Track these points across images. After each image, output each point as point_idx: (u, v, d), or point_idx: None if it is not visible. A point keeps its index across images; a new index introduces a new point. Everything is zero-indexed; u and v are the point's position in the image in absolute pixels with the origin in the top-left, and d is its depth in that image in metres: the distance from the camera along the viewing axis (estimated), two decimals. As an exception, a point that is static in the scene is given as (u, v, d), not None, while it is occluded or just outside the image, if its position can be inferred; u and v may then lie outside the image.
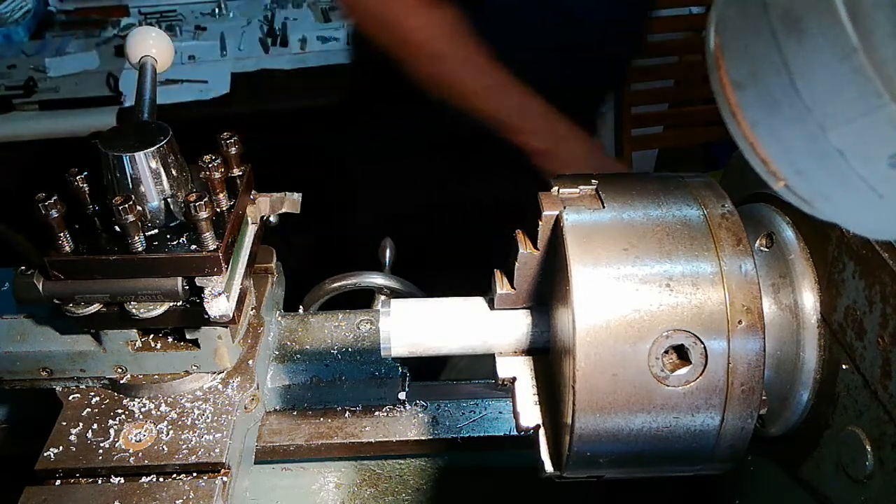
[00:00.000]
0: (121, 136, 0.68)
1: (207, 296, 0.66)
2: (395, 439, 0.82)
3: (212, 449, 0.71)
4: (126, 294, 0.67)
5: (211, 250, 0.66)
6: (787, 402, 0.65)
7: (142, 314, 0.68)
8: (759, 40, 0.35)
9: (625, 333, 0.55)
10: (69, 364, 0.75)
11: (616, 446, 0.58)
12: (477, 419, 0.84)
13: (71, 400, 0.76)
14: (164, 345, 0.75)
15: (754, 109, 0.37)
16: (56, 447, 0.71)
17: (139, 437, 0.72)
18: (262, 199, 0.79)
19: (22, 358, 0.74)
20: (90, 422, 0.74)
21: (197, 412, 0.74)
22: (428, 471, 0.88)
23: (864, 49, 0.31)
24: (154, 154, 0.66)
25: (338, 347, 0.83)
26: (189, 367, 0.75)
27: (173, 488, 0.69)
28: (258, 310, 0.81)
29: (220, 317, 0.67)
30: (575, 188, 0.62)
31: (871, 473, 0.56)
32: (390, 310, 0.67)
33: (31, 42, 2.55)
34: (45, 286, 0.67)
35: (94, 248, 0.66)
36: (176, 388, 0.76)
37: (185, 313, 0.70)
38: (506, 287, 0.67)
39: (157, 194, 0.68)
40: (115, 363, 0.75)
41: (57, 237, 0.64)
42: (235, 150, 0.75)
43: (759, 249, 0.67)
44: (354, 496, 0.89)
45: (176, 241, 0.67)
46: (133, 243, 0.65)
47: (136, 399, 0.76)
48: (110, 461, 0.70)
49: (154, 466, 0.70)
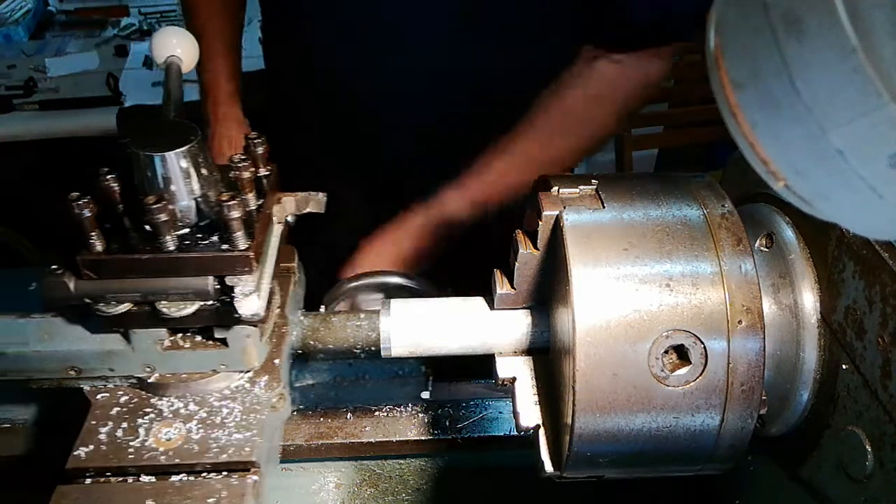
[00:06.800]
0: (151, 135, 0.68)
1: (238, 295, 0.67)
2: (395, 439, 0.82)
3: (242, 448, 0.71)
4: (157, 293, 0.68)
5: (242, 249, 0.66)
6: (787, 402, 0.65)
7: (172, 313, 0.68)
8: (759, 40, 0.35)
9: (625, 333, 0.55)
10: (98, 363, 0.75)
11: (616, 446, 0.58)
12: (477, 419, 0.84)
13: (99, 399, 0.76)
14: (192, 344, 0.75)
15: (754, 109, 0.37)
16: (86, 446, 0.71)
17: (169, 435, 0.72)
18: (287, 198, 0.80)
19: (50, 357, 0.74)
20: (119, 421, 0.74)
21: (226, 411, 0.74)
22: (428, 471, 0.88)
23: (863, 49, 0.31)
24: (185, 154, 0.67)
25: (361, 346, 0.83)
26: (217, 365, 0.75)
27: (205, 487, 0.69)
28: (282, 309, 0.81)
29: (252, 316, 0.67)
30: (575, 188, 0.62)
31: (871, 473, 0.56)
32: (390, 310, 0.68)
33: (31, 42, 2.55)
34: (77, 285, 0.66)
35: (125, 247, 0.66)
36: (204, 387, 0.76)
37: (216, 312, 0.70)
38: (506, 287, 0.67)
39: (187, 193, 0.68)
40: (143, 362, 0.75)
41: (89, 236, 0.65)
42: (262, 150, 0.75)
43: (759, 249, 0.67)
44: (354, 496, 0.89)
45: (207, 240, 0.67)
46: (165, 243, 0.65)
47: (165, 398, 0.76)
48: (141, 460, 0.70)
49: (185, 465, 0.70)
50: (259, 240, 0.69)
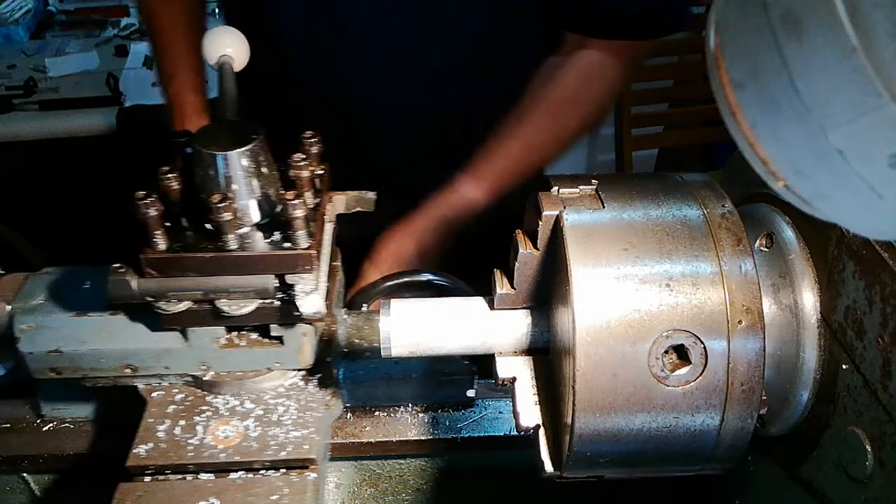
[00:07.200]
0: (213, 134, 0.69)
1: (299, 293, 0.67)
2: (395, 439, 0.82)
3: (300, 445, 0.71)
4: (218, 291, 0.68)
5: (304, 248, 0.66)
6: (787, 402, 0.65)
7: (232, 311, 0.68)
8: (759, 40, 0.35)
9: (625, 333, 0.55)
10: (154, 361, 0.75)
11: (616, 446, 0.58)
12: (477, 419, 0.84)
13: (154, 397, 0.76)
14: (248, 342, 0.75)
15: (754, 109, 0.37)
16: (145, 444, 0.71)
17: (227, 433, 0.73)
18: (338, 197, 0.80)
19: (107, 355, 0.74)
20: (177, 419, 0.74)
21: (281, 409, 0.75)
22: (428, 471, 0.88)
23: (863, 49, 0.31)
24: (248, 153, 0.67)
25: None
26: (272, 363, 0.76)
27: (267, 484, 0.69)
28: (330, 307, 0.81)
29: (314, 314, 0.67)
30: (575, 188, 0.62)
31: (871, 473, 0.56)
32: (390, 310, 0.68)
33: (31, 42, 2.55)
34: (139, 284, 0.67)
35: (187, 245, 0.66)
36: (258, 385, 0.77)
37: (277, 311, 0.70)
38: (506, 287, 0.67)
39: (248, 192, 0.68)
40: (199, 360, 0.75)
41: (153, 235, 0.65)
42: (317, 150, 0.76)
43: (759, 249, 0.67)
44: (354, 496, 0.89)
45: (268, 238, 0.68)
46: (227, 241, 0.65)
47: (220, 396, 0.76)
48: (201, 457, 0.70)
49: (244, 463, 0.70)
50: (318, 238, 0.69)
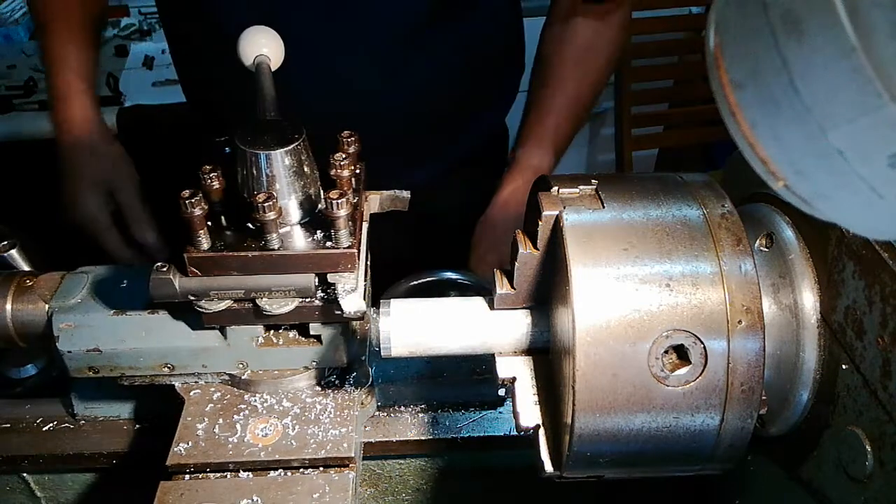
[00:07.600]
0: (255, 133, 0.69)
1: (341, 292, 0.67)
2: (395, 439, 0.82)
3: (340, 443, 0.72)
4: (260, 290, 0.68)
5: (346, 247, 0.67)
6: (787, 402, 0.65)
7: (273, 310, 0.69)
8: (759, 40, 0.35)
9: (625, 333, 0.55)
10: (192, 359, 0.75)
11: (616, 446, 0.58)
12: (477, 419, 0.84)
13: (192, 396, 0.77)
14: (286, 340, 0.76)
15: (754, 109, 0.37)
16: (185, 442, 0.72)
17: (265, 431, 0.73)
18: (373, 196, 0.80)
19: (146, 353, 0.74)
20: (215, 417, 0.74)
21: (319, 407, 0.76)
22: (428, 471, 0.88)
23: (863, 49, 0.31)
24: (291, 152, 0.67)
25: None
26: (309, 362, 0.76)
27: (308, 482, 0.69)
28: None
29: (355, 312, 0.68)
30: (575, 188, 0.62)
31: (871, 473, 0.56)
32: (390, 310, 0.68)
33: (31, 42, 2.55)
34: (182, 282, 0.67)
35: (230, 245, 0.67)
36: (295, 384, 0.77)
37: (318, 309, 0.70)
38: (506, 287, 0.67)
39: (290, 191, 0.68)
40: (237, 359, 0.75)
41: (197, 234, 0.65)
42: (354, 149, 0.76)
43: (759, 249, 0.67)
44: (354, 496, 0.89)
45: (309, 237, 0.68)
46: (271, 240, 0.66)
47: (257, 394, 0.77)
48: (241, 456, 0.70)
49: (283, 461, 0.71)
50: (358, 237, 0.70)
